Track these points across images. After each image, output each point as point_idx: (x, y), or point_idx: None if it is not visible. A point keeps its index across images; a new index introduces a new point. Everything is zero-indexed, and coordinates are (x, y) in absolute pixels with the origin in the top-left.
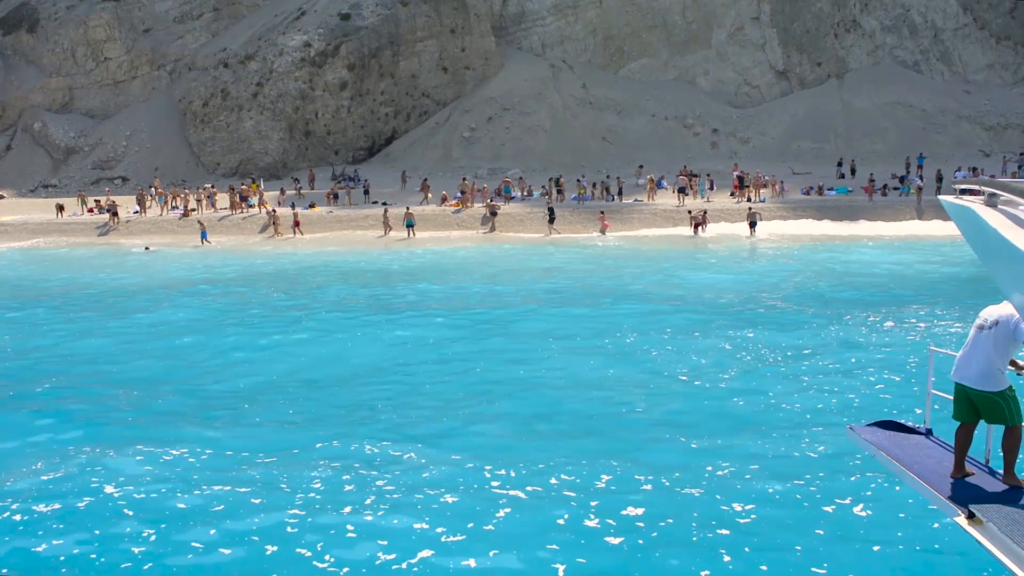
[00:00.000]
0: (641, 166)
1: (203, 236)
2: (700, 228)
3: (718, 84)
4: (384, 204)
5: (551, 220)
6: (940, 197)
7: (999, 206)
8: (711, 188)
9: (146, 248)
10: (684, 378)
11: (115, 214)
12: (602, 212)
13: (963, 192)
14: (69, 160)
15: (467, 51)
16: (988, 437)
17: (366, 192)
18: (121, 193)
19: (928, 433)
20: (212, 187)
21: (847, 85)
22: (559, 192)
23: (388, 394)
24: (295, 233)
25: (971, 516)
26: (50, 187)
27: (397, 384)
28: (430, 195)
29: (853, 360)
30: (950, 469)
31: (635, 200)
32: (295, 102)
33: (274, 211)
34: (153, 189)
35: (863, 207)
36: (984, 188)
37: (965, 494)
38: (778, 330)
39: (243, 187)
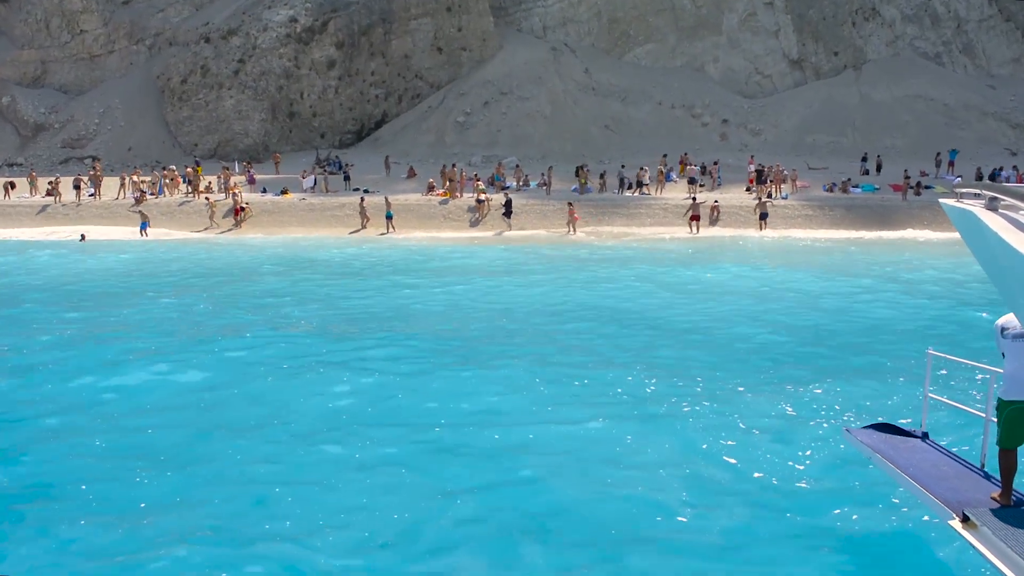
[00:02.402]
0: (665, 155)
1: (142, 227)
2: (697, 224)
3: (728, 72)
4: (366, 191)
5: (507, 214)
6: (940, 200)
7: (1000, 210)
8: (762, 182)
9: (81, 237)
10: (733, 459)
11: (78, 187)
12: (570, 204)
13: (964, 196)
14: (38, 137)
15: (464, 31)
16: (984, 441)
17: (347, 178)
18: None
19: (924, 436)
20: (169, 170)
21: (865, 76)
22: (582, 184)
23: (299, 486)
24: (235, 224)
25: (965, 519)
26: (16, 165)
27: (316, 468)
28: (448, 183)
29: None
30: (946, 472)
31: (641, 193)
32: (279, 81)
33: (208, 197)
34: (93, 172)
35: (897, 207)
36: (985, 192)
37: (959, 497)
38: (843, 382)
39: (187, 170)
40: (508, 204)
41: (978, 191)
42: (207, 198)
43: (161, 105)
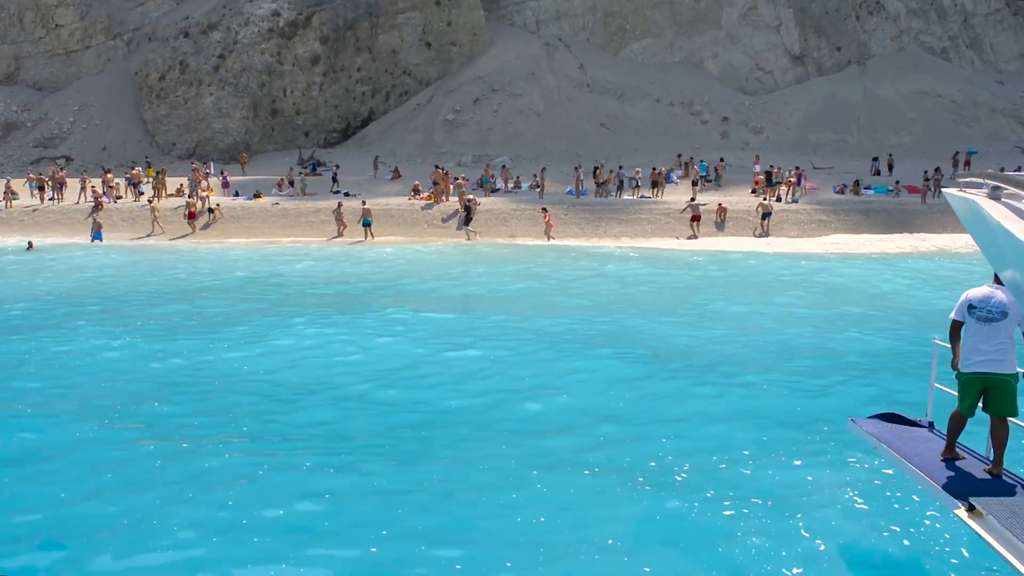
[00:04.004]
0: (680, 155)
1: (95, 236)
2: (698, 224)
3: (728, 68)
4: (346, 194)
5: (467, 221)
6: (944, 190)
7: (1003, 199)
8: (797, 183)
9: (28, 246)
10: None
11: (41, 188)
12: (544, 210)
13: (966, 185)
14: (9, 137)
15: (453, 25)
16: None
17: (334, 179)
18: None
19: (930, 426)
20: (135, 171)
21: (869, 72)
22: (599, 185)
23: None
24: (193, 229)
25: (971, 509)
26: None
27: None
28: (434, 186)
29: None
30: (952, 462)
31: (641, 196)
32: (261, 77)
33: (150, 200)
34: (51, 175)
35: (917, 211)
36: (988, 181)
37: (965, 487)
38: None
39: (134, 171)
40: (468, 211)
41: (981, 180)
42: (149, 201)
43: (139, 103)
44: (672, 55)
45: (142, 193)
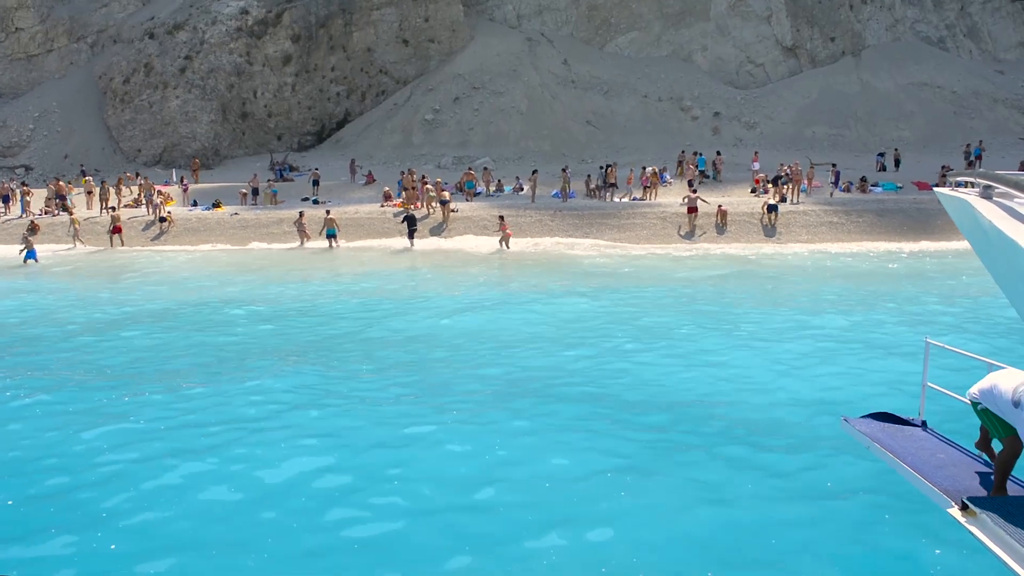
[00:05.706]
0: (694, 153)
1: (28, 256)
2: (695, 216)
3: (717, 62)
4: (314, 202)
5: (411, 234)
6: (935, 189)
7: (994, 198)
8: (834, 183)
9: None
10: None
11: None
12: (501, 217)
13: (958, 184)
14: None
15: (431, 21)
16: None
17: (315, 184)
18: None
19: (923, 425)
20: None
21: (864, 63)
22: (608, 186)
23: None
24: (112, 242)
25: (965, 507)
26: None
27: None
28: (405, 192)
29: None
30: (944, 460)
31: (633, 199)
32: (229, 78)
33: (70, 213)
34: None
35: (937, 210)
36: (979, 180)
37: (959, 486)
38: None
39: (58, 183)
40: (411, 221)
41: (973, 179)
42: (70, 213)
43: (102, 108)
44: (659, 49)
45: (66, 206)
